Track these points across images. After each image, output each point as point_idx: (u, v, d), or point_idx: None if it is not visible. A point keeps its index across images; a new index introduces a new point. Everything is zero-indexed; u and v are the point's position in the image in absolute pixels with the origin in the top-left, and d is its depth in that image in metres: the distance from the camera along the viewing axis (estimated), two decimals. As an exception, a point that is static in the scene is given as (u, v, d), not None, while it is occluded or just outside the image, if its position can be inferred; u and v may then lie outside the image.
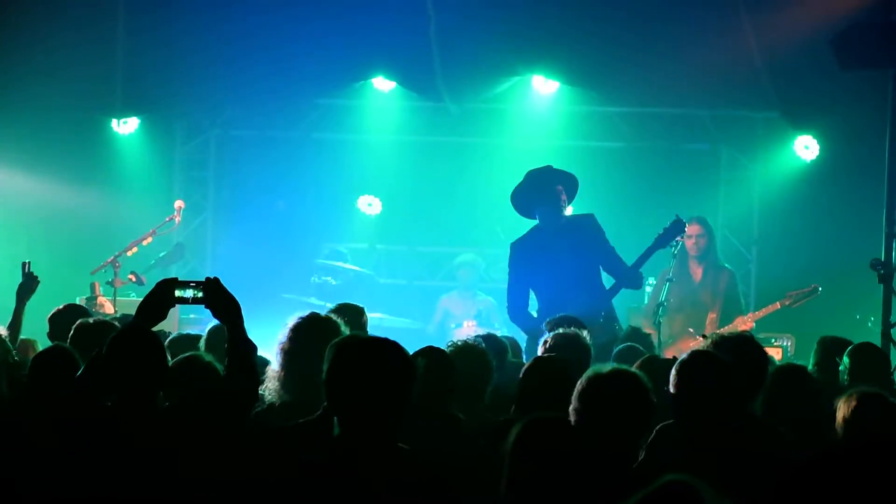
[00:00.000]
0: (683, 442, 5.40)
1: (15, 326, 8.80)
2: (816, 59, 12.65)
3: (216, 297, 5.32)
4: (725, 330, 11.73)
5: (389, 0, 13.59)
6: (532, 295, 10.57)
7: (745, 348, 6.12)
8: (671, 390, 5.41)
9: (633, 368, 5.44)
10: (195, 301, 5.32)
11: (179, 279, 5.40)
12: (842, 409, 5.76)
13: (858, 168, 13.92)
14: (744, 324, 12.23)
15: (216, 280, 5.35)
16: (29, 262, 9.18)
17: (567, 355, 6.96)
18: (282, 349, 5.97)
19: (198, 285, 5.32)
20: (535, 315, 10.34)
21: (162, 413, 5.46)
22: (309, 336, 5.92)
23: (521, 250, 10.59)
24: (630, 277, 10.35)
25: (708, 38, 13.22)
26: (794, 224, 14.56)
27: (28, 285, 9.06)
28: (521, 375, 6.28)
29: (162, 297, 5.34)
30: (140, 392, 5.33)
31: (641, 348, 8.56)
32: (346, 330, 6.03)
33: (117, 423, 5.29)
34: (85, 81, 13.83)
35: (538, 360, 6.46)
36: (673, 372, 5.45)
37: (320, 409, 5.03)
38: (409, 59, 13.99)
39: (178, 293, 5.32)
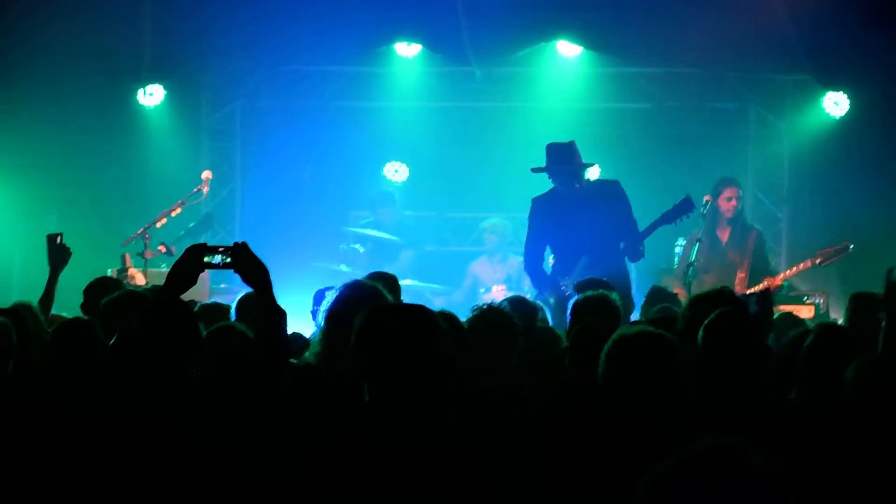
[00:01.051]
0: (711, 397, 5.43)
1: (48, 299, 8.85)
2: (844, 16, 12.59)
3: (245, 261, 5.33)
4: (756, 288, 11.79)
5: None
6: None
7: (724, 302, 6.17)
8: (702, 351, 5.44)
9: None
10: (224, 266, 5.32)
11: (208, 245, 5.41)
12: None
13: (889, 123, 13.87)
14: (772, 282, 12.21)
15: (244, 245, 5.36)
16: (61, 234, 9.20)
17: (596, 317, 6.99)
18: (325, 316, 5.97)
19: (226, 250, 5.32)
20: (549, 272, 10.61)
21: (193, 382, 5.51)
22: (354, 302, 5.92)
23: (541, 208, 10.86)
24: (630, 249, 10.44)
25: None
26: (825, 182, 14.51)
27: (61, 256, 9.08)
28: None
29: (191, 263, 5.35)
30: (172, 362, 5.38)
31: (674, 308, 8.57)
32: (389, 297, 6.05)
33: (149, 392, 5.34)
34: (111, 50, 13.88)
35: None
36: (701, 332, 5.47)
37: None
38: (435, 21, 13.98)
39: (206, 259, 5.33)
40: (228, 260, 5.30)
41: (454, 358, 6.09)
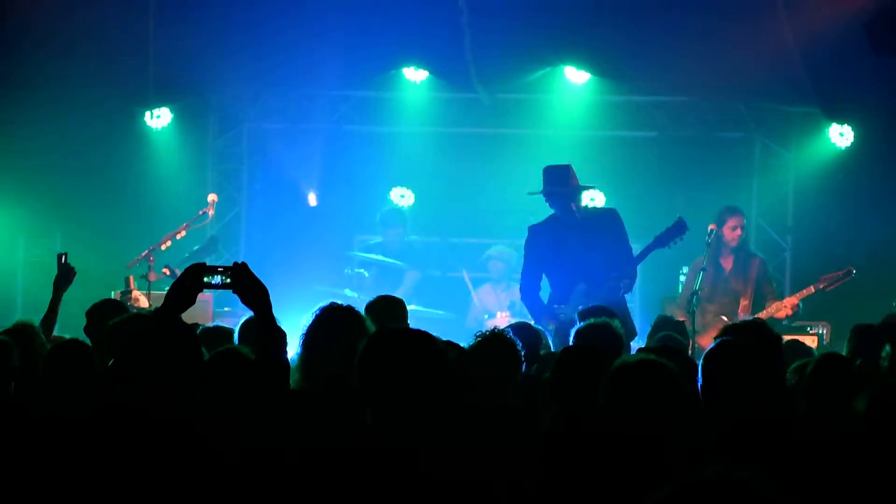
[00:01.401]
0: (713, 431, 5.41)
1: (50, 319, 8.84)
2: (852, 47, 12.60)
3: (244, 282, 5.33)
4: (761, 314, 11.79)
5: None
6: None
7: (760, 333, 6.15)
8: (700, 380, 5.42)
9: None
10: (223, 286, 5.32)
11: (207, 265, 5.41)
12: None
13: (894, 154, 13.88)
14: (784, 308, 12.19)
15: (244, 265, 5.37)
16: (66, 254, 9.22)
17: (598, 344, 6.99)
18: (304, 337, 5.98)
19: (226, 270, 5.33)
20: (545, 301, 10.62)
21: (197, 405, 5.50)
22: (331, 324, 5.95)
23: (537, 235, 10.84)
24: (623, 278, 10.40)
25: (742, 27, 13.13)
26: (830, 212, 14.51)
27: (65, 276, 9.08)
28: (553, 365, 6.29)
29: (190, 283, 5.36)
30: (175, 384, 5.38)
31: (678, 336, 8.57)
32: (368, 321, 6.04)
33: (151, 414, 5.34)
34: (117, 73, 13.89)
35: (569, 350, 6.47)
36: (701, 362, 5.45)
37: (348, 398, 5.05)
38: (441, 49, 13.99)
39: (206, 279, 5.33)
40: (228, 280, 5.30)
41: (458, 384, 6.11)
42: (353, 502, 4.27)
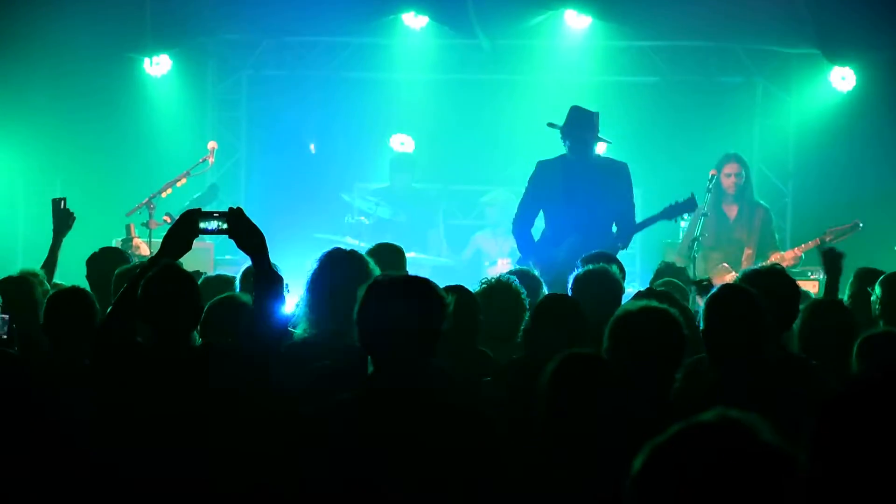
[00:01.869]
0: (715, 377, 5.40)
1: (51, 264, 8.81)
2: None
3: (240, 227, 5.32)
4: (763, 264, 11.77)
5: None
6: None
7: (775, 280, 6.13)
8: (701, 325, 5.41)
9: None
10: (219, 231, 5.31)
11: (203, 210, 5.40)
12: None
13: (896, 98, 13.83)
14: (786, 260, 12.15)
15: (240, 210, 5.36)
16: (64, 199, 9.15)
17: (596, 291, 6.99)
18: (309, 281, 5.98)
19: (221, 216, 5.32)
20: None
21: (197, 350, 5.50)
22: (336, 267, 5.95)
23: (545, 171, 10.68)
24: (621, 234, 10.34)
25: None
26: (831, 157, 14.45)
27: (64, 221, 9.02)
28: (530, 315, 6.30)
29: (186, 228, 5.34)
30: (175, 330, 5.37)
31: (680, 283, 8.57)
32: (372, 264, 6.04)
33: (151, 359, 5.33)
34: (114, 19, 13.84)
35: (548, 298, 6.47)
36: (703, 307, 5.45)
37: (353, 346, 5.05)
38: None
39: (202, 224, 5.32)
40: (224, 225, 5.29)
41: (469, 329, 6.12)
42: (356, 450, 4.26)
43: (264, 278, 5.31)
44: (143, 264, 5.52)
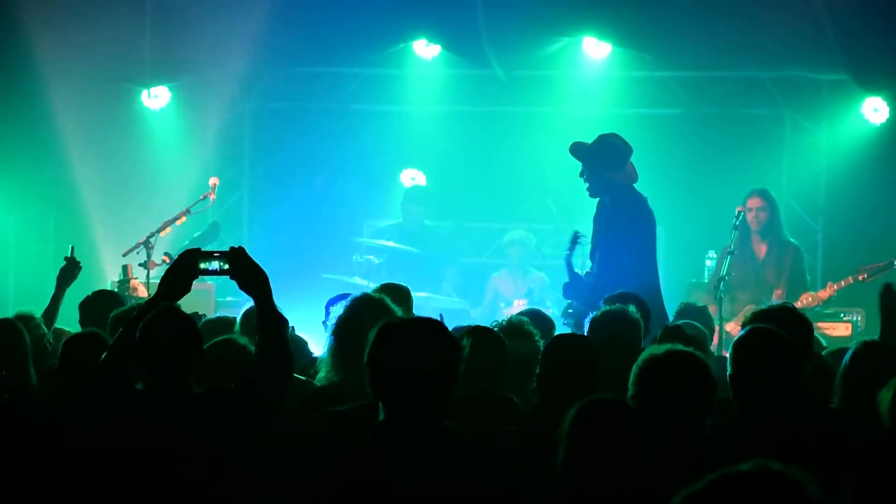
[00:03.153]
0: (744, 423, 5.36)
1: (51, 313, 8.83)
2: (885, 12, 12.49)
3: (242, 267, 5.31)
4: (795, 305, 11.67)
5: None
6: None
7: (787, 318, 6.08)
8: (729, 370, 5.37)
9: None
10: (220, 272, 5.31)
11: (203, 250, 5.39)
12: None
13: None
14: (819, 299, 12.06)
15: (241, 249, 5.34)
16: (73, 247, 9.21)
17: (612, 331, 6.94)
18: (334, 329, 5.97)
19: (222, 255, 5.32)
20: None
21: (197, 397, 5.47)
22: (361, 315, 5.93)
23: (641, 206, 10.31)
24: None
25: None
26: (864, 192, 14.39)
27: (70, 270, 9.10)
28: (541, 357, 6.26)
29: (185, 270, 5.33)
30: (174, 374, 5.34)
31: (697, 324, 8.51)
32: (397, 310, 6.03)
33: (150, 406, 5.30)
34: (113, 51, 13.86)
35: (557, 339, 6.42)
36: (731, 350, 5.41)
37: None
38: (453, 20, 13.90)
39: (202, 265, 5.32)
40: (225, 266, 5.28)
41: (493, 373, 6.08)
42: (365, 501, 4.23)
43: (268, 320, 5.29)
44: (141, 306, 5.50)
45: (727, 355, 5.87)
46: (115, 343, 5.39)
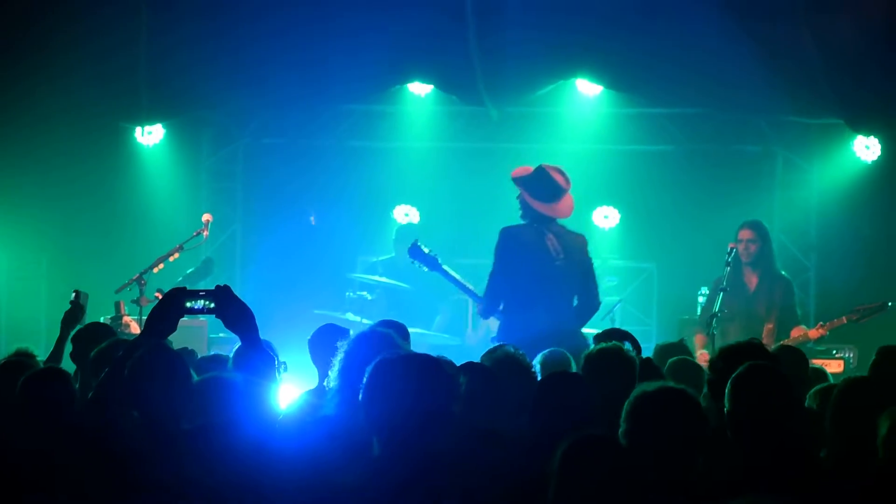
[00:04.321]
0: (740, 458, 5.36)
1: (56, 356, 8.73)
2: (877, 54, 12.53)
3: (227, 305, 5.31)
4: (787, 342, 11.67)
5: (425, 1, 13.54)
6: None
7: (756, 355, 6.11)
8: (727, 406, 5.38)
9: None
10: (207, 311, 5.32)
11: (188, 288, 5.41)
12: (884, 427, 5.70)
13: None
14: (811, 337, 12.05)
15: (226, 288, 5.36)
16: (79, 293, 9.13)
17: (611, 372, 6.93)
18: (342, 363, 5.98)
19: (207, 294, 5.33)
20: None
21: (185, 434, 5.45)
22: (366, 351, 5.94)
23: (516, 240, 10.86)
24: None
25: (761, 35, 13.06)
26: (856, 229, 14.42)
27: (74, 314, 8.98)
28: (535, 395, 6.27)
29: (170, 308, 5.34)
30: (163, 412, 5.33)
31: (690, 358, 8.48)
32: (403, 345, 6.03)
33: (137, 444, 5.28)
34: (107, 88, 13.83)
35: (551, 377, 6.43)
36: (728, 386, 5.41)
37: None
38: (447, 62, 13.91)
39: (188, 304, 5.34)
40: (211, 304, 5.29)
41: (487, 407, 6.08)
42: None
43: (255, 358, 5.29)
44: (128, 345, 5.49)
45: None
46: (102, 381, 5.37)
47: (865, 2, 12.79)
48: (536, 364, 7.45)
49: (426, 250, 11.29)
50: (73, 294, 9.07)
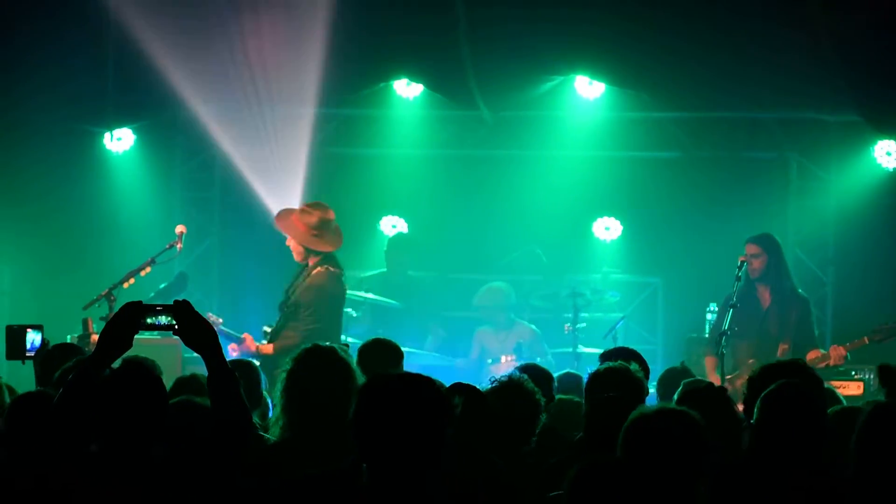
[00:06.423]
0: (761, 482, 5.35)
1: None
2: None
3: (187, 322, 5.25)
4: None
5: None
6: None
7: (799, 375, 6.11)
8: (754, 424, 5.38)
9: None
10: (166, 327, 5.28)
11: (145, 303, 5.34)
12: None
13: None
14: (831, 359, 11.96)
15: (186, 303, 5.29)
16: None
17: (617, 391, 6.89)
18: (285, 381, 6.13)
19: (166, 310, 5.27)
20: None
21: (156, 463, 5.37)
22: (311, 368, 6.11)
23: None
24: None
25: (773, 32, 13.04)
26: (875, 241, 14.37)
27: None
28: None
29: (126, 324, 5.28)
30: (131, 437, 5.25)
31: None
32: (349, 360, 6.17)
33: (105, 473, 5.21)
34: (72, 89, 13.79)
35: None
36: (758, 404, 5.41)
37: (349, 454, 4.99)
38: (437, 59, 13.87)
39: (149, 320, 5.29)
40: (172, 321, 5.24)
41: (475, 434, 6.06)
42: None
43: (217, 377, 5.23)
44: (82, 363, 5.42)
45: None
46: (58, 403, 5.28)
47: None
48: None
49: None
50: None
